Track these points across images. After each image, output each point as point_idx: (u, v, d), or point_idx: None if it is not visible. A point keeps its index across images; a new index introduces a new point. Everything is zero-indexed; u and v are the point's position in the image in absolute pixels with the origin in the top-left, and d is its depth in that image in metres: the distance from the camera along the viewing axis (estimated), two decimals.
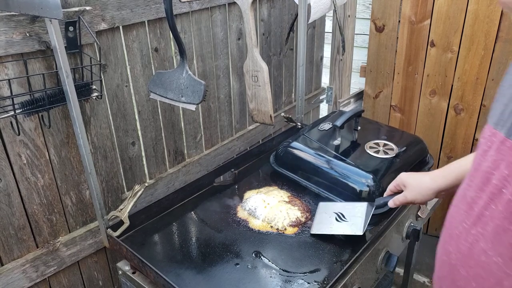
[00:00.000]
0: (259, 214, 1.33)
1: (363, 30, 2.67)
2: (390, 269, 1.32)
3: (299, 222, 1.31)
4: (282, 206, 1.36)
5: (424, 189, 1.09)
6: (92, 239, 1.42)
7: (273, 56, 2.09)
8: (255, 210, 1.35)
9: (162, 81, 1.37)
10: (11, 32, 1.05)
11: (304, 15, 1.66)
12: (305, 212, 1.35)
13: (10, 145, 1.16)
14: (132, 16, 1.35)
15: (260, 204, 1.37)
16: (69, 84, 1.04)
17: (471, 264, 0.70)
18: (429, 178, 1.09)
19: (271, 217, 1.32)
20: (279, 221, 1.30)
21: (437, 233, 2.65)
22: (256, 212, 1.34)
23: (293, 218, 1.31)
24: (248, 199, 1.40)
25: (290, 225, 1.29)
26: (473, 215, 0.71)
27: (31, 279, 1.28)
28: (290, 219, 1.31)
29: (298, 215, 1.33)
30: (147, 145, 1.59)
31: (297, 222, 1.30)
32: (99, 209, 1.22)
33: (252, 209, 1.36)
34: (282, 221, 1.30)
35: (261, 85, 1.57)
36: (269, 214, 1.33)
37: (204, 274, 1.14)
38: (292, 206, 1.36)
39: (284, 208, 1.35)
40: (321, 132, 1.59)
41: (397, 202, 1.16)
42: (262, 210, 1.34)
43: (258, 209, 1.35)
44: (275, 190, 1.47)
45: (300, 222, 1.31)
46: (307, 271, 1.14)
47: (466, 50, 2.14)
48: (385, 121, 2.53)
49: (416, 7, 2.20)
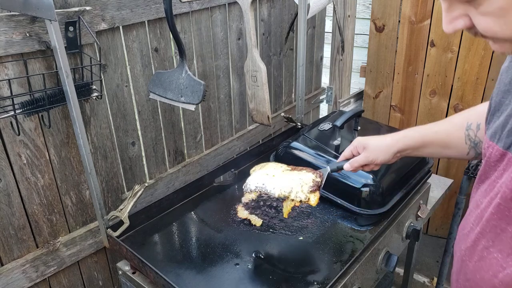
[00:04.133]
0: (272, 189, 1.14)
1: (363, 30, 2.67)
2: (390, 269, 1.32)
3: (317, 184, 1.14)
4: (289, 174, 1.19)
5: (385, 148, 1.09)
6: (92, 239, 1.42)
7: (273, 56, 2.09)
8: (265, 186, 1.16)
9: (161, 81, 1.37)
10: (11, 32, 1.05)
11: (304, 15, 1.66)
12: (316, 172, 1.18)
13: (10, 145, 1.16)
14: (132, 16, 1.35)
15: (266, 179, 1.18)
16: (69, 84, 1.04)
17: (476, 258, 0.76)
18: (390, 138, 1.10)
19: (287, 188, 1.13)
20: (298, 189, 1.13)
21: (437, 233, 2.65)
22: (266, 187, 1.15)
23: (310, 182, 1.14)
24: (248, 182, 1.21)
25: (310, 191, 1.12)
26: (477, 216, 0.77)
27: (31, 279, 1.28)
28: (307, 184, 1.14)
29: (312, 177, 1.16)
30: (147, 145, 1.59)
31: (315, 184, 1.13)
32: (99, 209, 1.22)
33: (261, 186, 1.16)
34: (300, 188, 1.12)
35: (260, 85, 1.57)
36: (282, 186, 1.14)
37: (204, 274, 1.14)
38: (299, 172, 1.20)
39: (294, 175, 1.18)
40: (321, 132, 1.59)
41: (356, 164, 1.12)
42: (272, 182, 1.16)
43: (267, 184, 1.16)
44: (268, 164, 1.29)
45: (317, 183, 1.14)
46: (307, 271, 1.14)
47: (466, 50, 2.14)
48: (385, 121, 2.53)
49: (416, 7, 2.20)
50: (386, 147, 1.09)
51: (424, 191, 1.51)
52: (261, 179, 1.19)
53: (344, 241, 1.24)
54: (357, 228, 1.29)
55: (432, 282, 2.41)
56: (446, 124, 1.07)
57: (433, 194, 1.63)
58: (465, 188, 1.91)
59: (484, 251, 0.74)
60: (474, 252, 0.76)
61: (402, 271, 1.86)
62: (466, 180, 1.89)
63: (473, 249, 0.77)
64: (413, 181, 1.45)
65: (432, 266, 2.54)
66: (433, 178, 1.60)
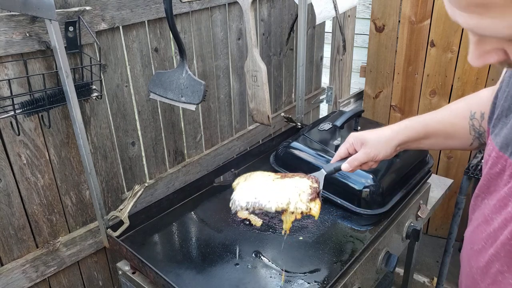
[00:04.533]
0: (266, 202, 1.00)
1: (363, 30, 2.67)
2: (390, 269, 1.32)
3: (315, 191, 1.03)
4: (281, 183, 1.06)
5: (386, 142, 0.99)
6: (92, 239, 1.42)
7: (273, 56, 2.09)
8: (258, 201, 1.01)
9: (162, 81, 1.37)
10: (11, 32, 1.05)
11: (304, 15, 1.66)
12: (310, 177, 1.07)
13: (10, 145, 1.16)
14: (132, 16, 1.35)
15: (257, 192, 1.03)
16: (69, 84, 1.04)
17: (489, 281, 0.72)
18: (389, 130, 1.00)
19: (284, 199, 1.00)
20: (296, 199, 1.00)
21: (437, 233, 2.65)
22: (260, 202, 1.01)
23: (308, 189, 1.02)
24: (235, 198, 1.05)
25: (310, 199, 1.01)
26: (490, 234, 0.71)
27: (31, 279, 1.28)
28: (305, 191, 1.02)
29: (308, 183, 1.04)
30: (147, 145, 1.59)
31: (314, 191, 1.02)
32: (99, 209, 1.22)
33: (253, 201, 1.01)
34: (299, 198, 1.00)
35: (260, 85, 1.57)
36: (278, 197, 1.01)
37: (204, 274, 1.14)
38: (291, 178, 1.07)
39: (287, 183, 1.04)
40: (321, 132, 1.59)
41: (355, 163, 1.01)
42: (265, 195, 1.01)
43: (260, 197, 1.01)
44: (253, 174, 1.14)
45: (316, 190, 1.03)
46: (307, 271, 1.14)
47: (466, 50, 2.14)
48: (385, 121, 2.53)
49: (416, 7, 2.20)
50: (387, 141, 1.00)
51: (424, 191, 1.51)
52: (252, 193, 1.04)
53: (344, 241, 1.24)
54: (357, 228, 1.29)
55: (432, 282, 2.41)
56: (448, 112, 1.00)
57: (433, 194, 1.63)
58: (465, 188, 1.91)
59: (498, 275, 0.70)
60: (487, 274, 0.72)
61: (402, 271, 1.86)
62: (466, 180, 1.89)
63: (486, 271, 0.73)
64: (413, 181, 1.45)
65: (432, 266, 2.54)
66: (433, 178, 1.60)
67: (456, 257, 2.58)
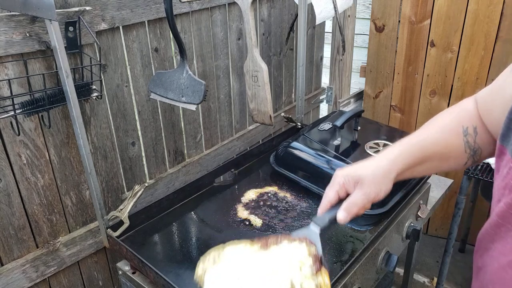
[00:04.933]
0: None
1: (363, 30, 2.67)
2: (390, 269, 1.32)
3: (317, 258, 0.79)
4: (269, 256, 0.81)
5: (385, 175, 0.82)
6: (92, 239, 1.42)
7: (273, 56, 2.09)
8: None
9: (162, 81, 1.37)
10: (11, 32, 1.05)
11: (304, 15, 1.66)
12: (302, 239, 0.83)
13: (10, 145, 1.16)
14: (132, 16, 1.35)
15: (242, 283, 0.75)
16: (69, 84, 1.04)
17: None
18: (386, 161, 0.84)
19: (284, 283, 0.75)
20: (300, 278, 0.75)
21: (437, 233, 2.65)
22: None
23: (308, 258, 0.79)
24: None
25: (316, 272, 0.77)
26: None
27: (31, 279, 1.28)
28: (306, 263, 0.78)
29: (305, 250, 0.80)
30: (147, 145, 1.59)
31: (316, 259, 0.79)
32: (99, 209, 1.22)
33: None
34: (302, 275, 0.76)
35: (261, 85, 1.57)
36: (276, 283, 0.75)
37: None
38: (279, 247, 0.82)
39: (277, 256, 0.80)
40: (321, 132, 1.59)
41: (354, 209, 0.81)
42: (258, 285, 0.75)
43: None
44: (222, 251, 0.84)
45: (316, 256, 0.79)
46: None
47: (466, 50, 2.14)
48: (385, 121, 2.53)
49: (416, 7, 2.20)
50: (385, 174, 0.83)
51: (424, 191, 1.51)
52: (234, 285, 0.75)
53: (344, 241, 1.24)
54: (357, 228, 1.29)
55: (432, 282, 2.41)
56: (440, 130, 0.88)
57: (433, 194, 1.63)
58: (465, 188, 1.91)
59: None
60: None
61: (402, 271, 1.86)
62: (466, 180, 1.89)
63: None
64: (413, 181, 1.45)
65: (432, 266, 2.54)
66: (433, 178, 1.60)
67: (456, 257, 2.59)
